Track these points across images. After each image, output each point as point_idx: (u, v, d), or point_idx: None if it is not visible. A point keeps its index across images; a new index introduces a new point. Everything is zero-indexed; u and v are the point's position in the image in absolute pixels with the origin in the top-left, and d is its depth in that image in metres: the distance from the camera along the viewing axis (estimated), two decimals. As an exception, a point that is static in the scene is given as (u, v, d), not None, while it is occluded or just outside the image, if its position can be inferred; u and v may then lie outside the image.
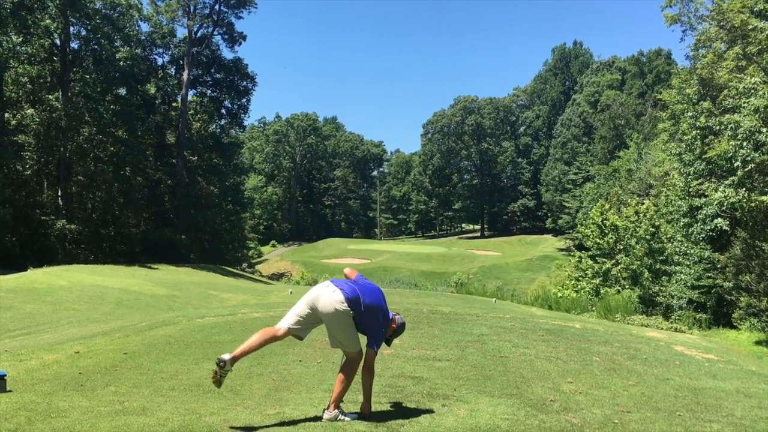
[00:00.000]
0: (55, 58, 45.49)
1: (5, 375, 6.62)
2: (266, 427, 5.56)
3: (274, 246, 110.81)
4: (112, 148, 47.78)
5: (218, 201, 60.04)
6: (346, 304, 5.79)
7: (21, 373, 7.39)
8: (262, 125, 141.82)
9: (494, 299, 31.57)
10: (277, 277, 73.52)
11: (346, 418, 5.85)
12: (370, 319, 5.94)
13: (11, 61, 42.76)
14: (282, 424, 5.67)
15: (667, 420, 6.32)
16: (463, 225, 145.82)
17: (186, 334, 10.57)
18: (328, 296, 5.81)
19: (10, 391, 6.58)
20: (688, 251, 31.98)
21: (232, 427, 5.48)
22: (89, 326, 13.35)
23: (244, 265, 74.74)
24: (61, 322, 15.13)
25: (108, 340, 9.88)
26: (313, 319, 5.94)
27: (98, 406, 6.12)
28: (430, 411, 6.22)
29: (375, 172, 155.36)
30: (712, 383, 8.30)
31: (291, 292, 30.29)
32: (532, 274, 76.99)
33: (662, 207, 37.59)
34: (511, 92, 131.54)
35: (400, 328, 6.29)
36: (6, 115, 42.86)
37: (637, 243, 38.22)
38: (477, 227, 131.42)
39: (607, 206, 43.60)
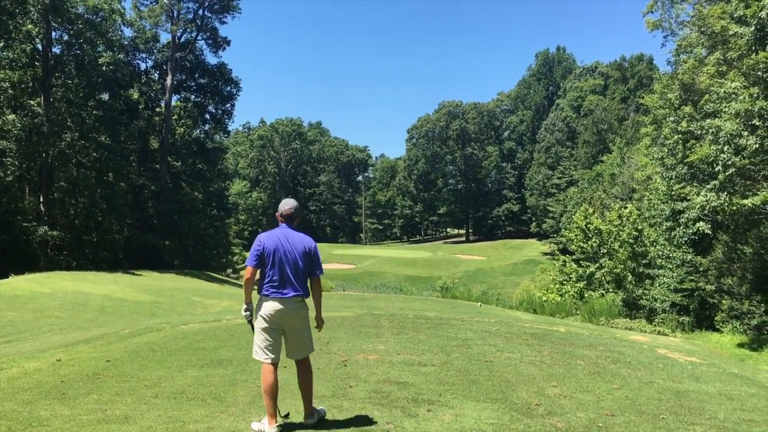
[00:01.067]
0: (36, 63, 45.01)
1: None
2: (251, 434, 5.53)
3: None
4: (94, 154, 47.32)
5: (202, 206, 59.62)
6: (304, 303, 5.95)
7: (1, 382, 7.30)
8: (246, 130, 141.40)
9: (479, 303, 31.65)
10: (262, 282, 73.04)
11: (322, 412, 6.03)
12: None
13: (-9, 66, 42.30)
14: None
15: (651, 423, 6.36)
16: (448, 230, 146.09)
17: (170, 341, 10.49)
18: (290, 308, 5.82)
19: None
20: (670, 255, 32.24)
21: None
22: (72, 333, 13.21)
23: (229, 270, 74.21)
24: (43, 329, 14.96)
25: (90, 347, 9.78)
26: (280, 339, 5.96)
27: (80, 414, 6.06)
28: (415, 416, 6.21)
29: (360, 177, 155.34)
30: (695, 386, 8.36)
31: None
32: (516, 278, 77.24)
33: (645, 211, 37.90)
34: (495, 97, 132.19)
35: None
36: (-14, 120, 42.38)
37: (620, 247, 38.47)
38: (462, 232, 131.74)
39: (590, 210, 43.90)
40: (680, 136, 30.85)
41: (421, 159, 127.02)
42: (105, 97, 50.37)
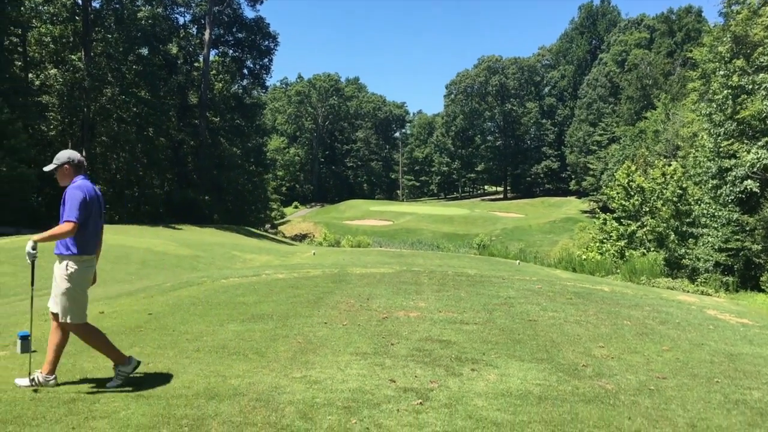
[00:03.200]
0: (77, 17, 45.23)
1: (29, 335, 6.58)
2: (292, 391, 5.45)
3: (296, 207, 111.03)
4: (135, 109, 47.74)
5: (241, 162, 59.97)
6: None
7: (45, 334, 7.34)
8: (284, 86, 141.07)
9: (518, 261, 31.34)
10: (300, 238, 73.71)
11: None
12: None
13: (34, 20, 42.61)
14: (309, 387, 5.56)
15: (705, 386, 6.12)
16: (486, 187, 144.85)
17: (210, 295, 10.51)
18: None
19: (34, 351, 6.53)
20: (716, 213, 31.44)
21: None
22: (113, 286, 13.38)
23: (267, 226, 74.99)
24: (87, 281, 15.19)
25: (133, 300, 9.85)
26: None
27: (123, 367, 6.05)
28: (459, 375, 6.07)
29: (397, 134, 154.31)
30: (749, 349, 8.06)
31: (314, 253, 30.31)
32: (554, 237, 76.41)
33: (690, 168, 36.86)
34: (536, 52, 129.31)
35: None
36: (29, 75, 42.90)
37: (663, 205, 37.58)
38: (500, 189, 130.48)
39: (633, 168, 42.79)
40: (730, 91, 29.77)
41: (459, 115, 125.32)
42: (144, 51, 50.51)
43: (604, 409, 5.25)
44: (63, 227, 5.34)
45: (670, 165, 40.13)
